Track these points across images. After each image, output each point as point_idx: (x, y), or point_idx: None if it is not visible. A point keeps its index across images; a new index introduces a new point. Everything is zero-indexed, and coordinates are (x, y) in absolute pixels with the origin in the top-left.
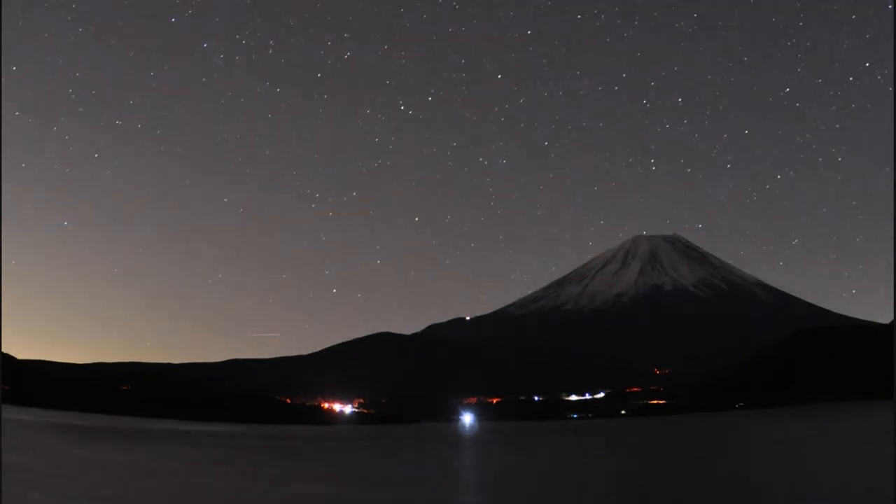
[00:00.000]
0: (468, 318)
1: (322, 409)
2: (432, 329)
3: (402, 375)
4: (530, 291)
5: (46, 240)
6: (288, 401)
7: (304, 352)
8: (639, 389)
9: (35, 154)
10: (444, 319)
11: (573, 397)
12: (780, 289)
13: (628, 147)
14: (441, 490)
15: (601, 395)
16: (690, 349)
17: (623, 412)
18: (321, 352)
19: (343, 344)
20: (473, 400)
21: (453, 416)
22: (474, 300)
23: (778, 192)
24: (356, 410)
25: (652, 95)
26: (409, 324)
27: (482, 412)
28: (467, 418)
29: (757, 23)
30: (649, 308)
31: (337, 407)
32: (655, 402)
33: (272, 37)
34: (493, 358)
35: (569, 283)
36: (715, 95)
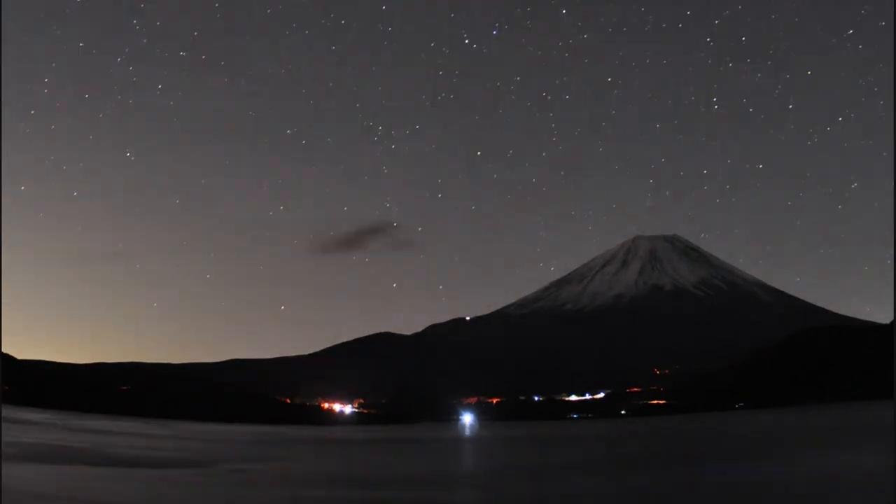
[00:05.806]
0: (468, 318)
1: (322, 409)
2: (432, 329)
3: (402, 375)
4: (530, 291)
5: (105, 173)
6: (288, 401)
7: (304, 352)
8: (639, 389)
9: (99, 86)
10: (444, 319)
11: (573, 397)
12: (780, 289)
13: (691, 85)
14: None
15: (601, 395)
16: (690, 349)
17: (623, 412)
18: (321, 352)
19: (343, 344)
20: (473, 400)
21: (453, 416)
22: (474, 300)
23: (839, 135)
24: (356, 411)
25: (716, 33)
26: (409, 324)
27: (482, 412)
28: (467, 418)
29: None
30: (649, 308)
31: (337, 407)
32: (655, 402)
33: None
34: (493, 358)
35: (569, 283)
36: (779, 35)
